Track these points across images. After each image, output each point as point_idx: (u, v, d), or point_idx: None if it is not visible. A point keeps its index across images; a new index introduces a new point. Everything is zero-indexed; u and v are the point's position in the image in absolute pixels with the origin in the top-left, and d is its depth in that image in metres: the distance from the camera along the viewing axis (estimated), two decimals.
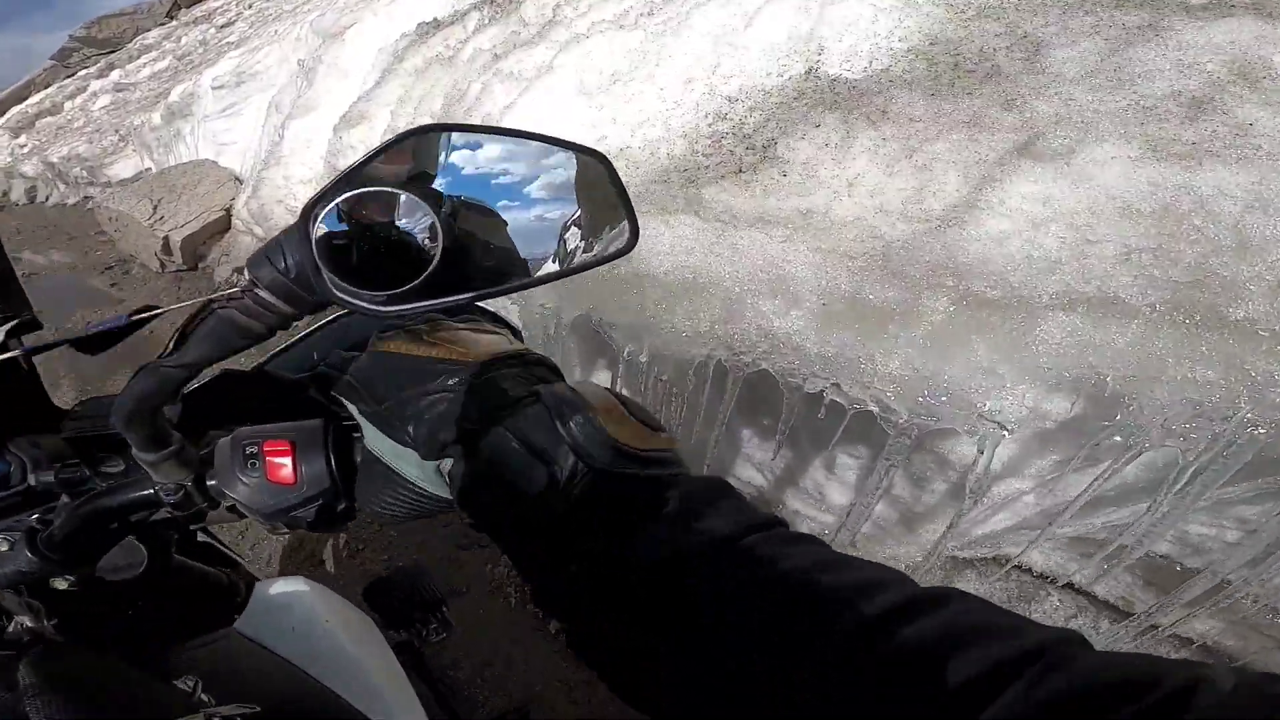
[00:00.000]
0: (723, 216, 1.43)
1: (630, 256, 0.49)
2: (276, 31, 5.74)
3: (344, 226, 0.40)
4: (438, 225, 0.41)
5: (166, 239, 4.24)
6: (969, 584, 2.07)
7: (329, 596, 0.80)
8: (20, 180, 8.22)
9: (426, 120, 2.65)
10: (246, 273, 0.41)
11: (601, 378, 1.86)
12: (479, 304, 0.64)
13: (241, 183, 4.50)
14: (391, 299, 0.41)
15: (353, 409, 0.50)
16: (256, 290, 0.41)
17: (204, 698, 0.53)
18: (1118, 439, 1.22)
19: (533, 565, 0.44)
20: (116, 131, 6.97)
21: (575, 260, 0.49)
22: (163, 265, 4.43)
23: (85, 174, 6.91)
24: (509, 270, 0.46)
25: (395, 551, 2.48)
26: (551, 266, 0.48)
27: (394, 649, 1.13)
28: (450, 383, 0.46)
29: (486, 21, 3.26)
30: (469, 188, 0.44)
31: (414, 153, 0.42)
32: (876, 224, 1.32)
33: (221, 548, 0.89)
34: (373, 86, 3.54)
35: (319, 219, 0.39)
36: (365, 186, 0.39)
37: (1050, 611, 1.95)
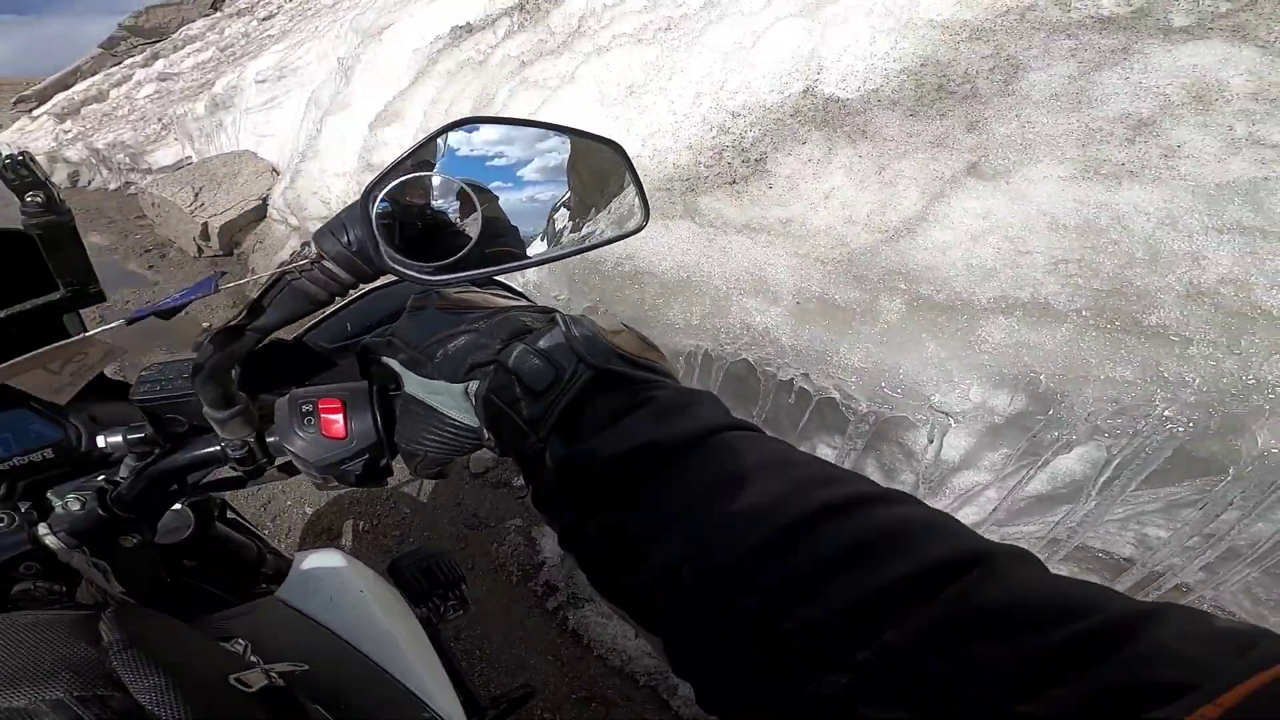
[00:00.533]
0: (715, 222, 1.61)
1: (636, 251, 0.57)
2: (317, 28, 5.99)
3: (388, 206, 0.45)
4: (477, 205, 0.46)
5: (205, 225, 4.50)
6: None
7: (362, 569, 0.87)
8: (64, 165, 8.56)
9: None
10: (314, 246, 0.46)
11: None
12: (501, 279, 0.71)
13: (279, 174, 4.73)
14: (439, 269, 0.46)
15: (393, 363, 0.55)
16: (324, 262, 0.46)
17: (253, 659, 0.54)
18: (1056, 434, 1.38)
19: (530, 463, 0.48)
20: (160, 120, 7.26)
21: (595, 237, 0.56)
22: (200, 250, 4.68)
23: (128, 160, 7.21)
24: (525, 247, 0.52)
25: (408, 528, 2.68)
26: (542, 246, 0.53)
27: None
28: (477, 324, 0.52)
29: (516, 28, 3.45)
30: (466, 170, 0.48)
31: (439, 142, 0.47)
32: (845, 232, 1.49)
33: (245, 523, 0.96)
34: (407, 86, 3.74)
35: (378, 199, 0.44)
36: (414, 172, 0.45)
37: None
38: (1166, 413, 1.26)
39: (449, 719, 0.77)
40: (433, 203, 0.47)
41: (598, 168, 0.56)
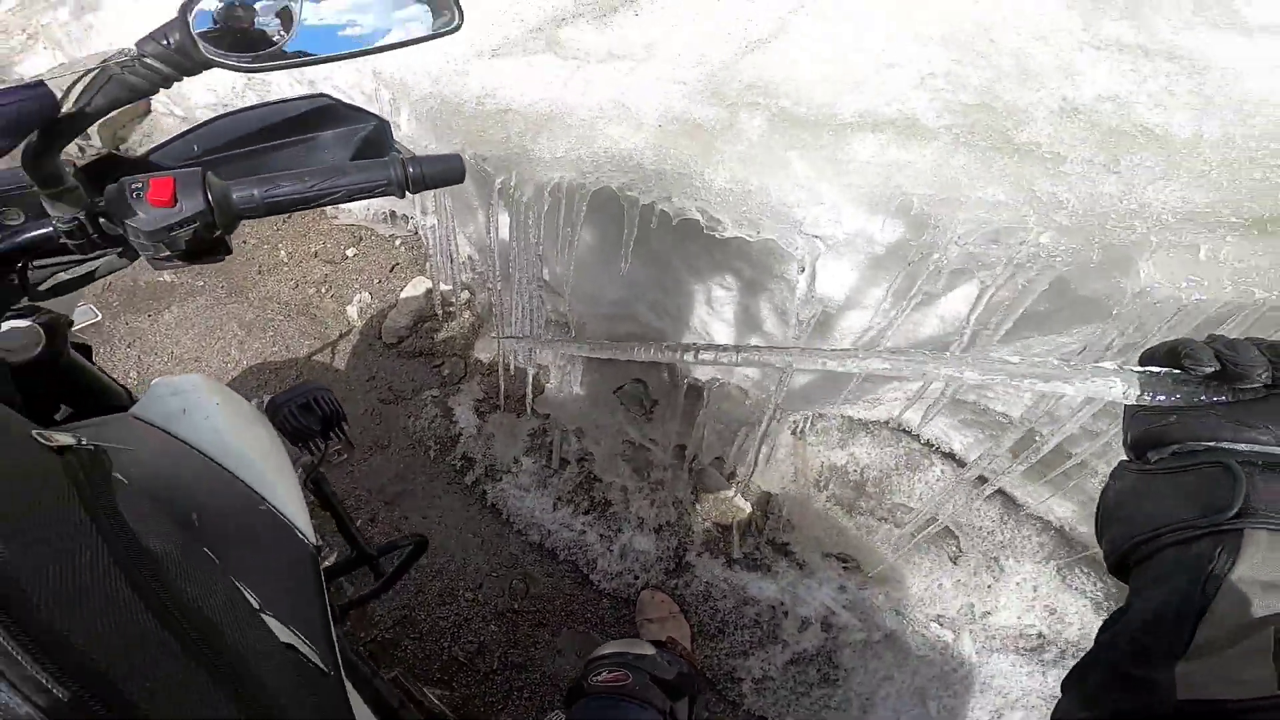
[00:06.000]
0: (578, 54, 1.57)
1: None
2: None
3: (210, 19, 0.56)
4: (291, 10, 0.58)
5: None
6: (863, 448, 2.31)
7: (223, 389, 0.93)
8: None
9: None
10: (135, 48, 0.56)
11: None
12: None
13: None
14: (257, 59, 0.58)
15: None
16: (145, 59, 0.56)
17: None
18: (930, 265, 1.37)
19: None
20: (24, 30, 6.82)
21: (412, 34, 0.66)
22: (82, 150, 4.45)
23: None
24: (338, 45, 0.63)
25: None
26: (355, 45, 0.63)
27: (300, 470, 1.23)
28: None
29: None
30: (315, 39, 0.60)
31: None
32: (706, 50, 1.46)
33: (110, 379, 1.02)
34: None
35: (194, 11, 0.55)
36: None
37: (932, 481, 2.23)
38: (1043, 238, 1.26)
39: (302, 530, 0.82)
40: (256, 20, 0.57)
41: None
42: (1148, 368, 0.56)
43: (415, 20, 0.66)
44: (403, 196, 0.74)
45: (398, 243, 3.11)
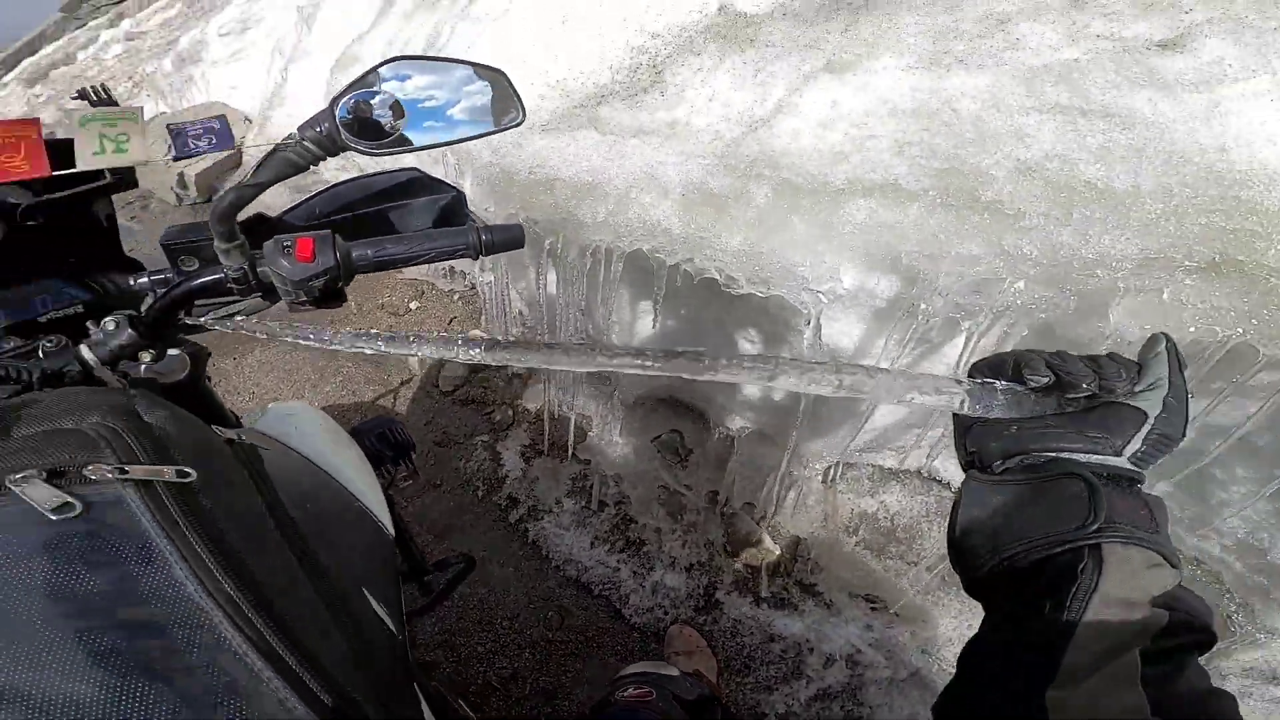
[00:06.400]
0: (615, 130, 1.82)
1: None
2: None
3: (348, 111, 0.69)
4: (404, 110, 0.72)
5: (182, 175, 4.66)
6: (893, 495, 2.43)
7: (322, 414, 1.14)
8: None
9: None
10: (298, 132, 0.70)
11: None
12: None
13: (251, 122, 4.90)
14: (379, 147, 0.71)
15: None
16: (304, 141, 0.70)
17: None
18: (921, 316, 1.54)
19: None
20: (130, 78, 7.42)
21: (485, 128, 0.81)
22: (179, 199, 4.83)
23: None
24: (435, 136, 0.77)
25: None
26: (446, 136, 0.79)
27: None
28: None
29: None
30: (400, 88, 0.73)
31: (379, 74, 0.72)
32: (720, 128, 1.70)
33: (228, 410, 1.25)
34: (366, 30, 3.94)
35: (339, 105, 0.69)
36: (363, 90, 0.71)
37: None
38: (1018, 285, 1.42)
39: (385, 526, 1.00)
40: (374, 113, 0.71)
41: (491, 83, 0.82)
42: (982, 379, 0.60)
43: (479, 94, 0.81)
44: (476, 259, 0.92)
45: (456, 297, 3.39)
